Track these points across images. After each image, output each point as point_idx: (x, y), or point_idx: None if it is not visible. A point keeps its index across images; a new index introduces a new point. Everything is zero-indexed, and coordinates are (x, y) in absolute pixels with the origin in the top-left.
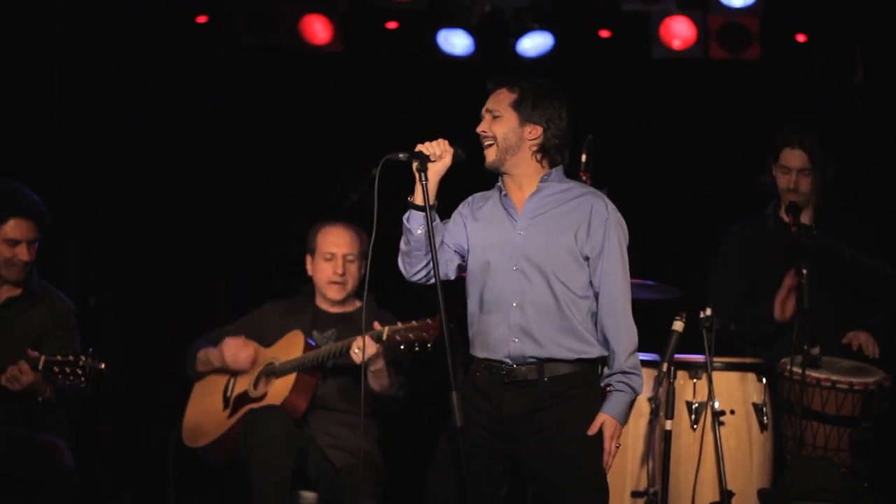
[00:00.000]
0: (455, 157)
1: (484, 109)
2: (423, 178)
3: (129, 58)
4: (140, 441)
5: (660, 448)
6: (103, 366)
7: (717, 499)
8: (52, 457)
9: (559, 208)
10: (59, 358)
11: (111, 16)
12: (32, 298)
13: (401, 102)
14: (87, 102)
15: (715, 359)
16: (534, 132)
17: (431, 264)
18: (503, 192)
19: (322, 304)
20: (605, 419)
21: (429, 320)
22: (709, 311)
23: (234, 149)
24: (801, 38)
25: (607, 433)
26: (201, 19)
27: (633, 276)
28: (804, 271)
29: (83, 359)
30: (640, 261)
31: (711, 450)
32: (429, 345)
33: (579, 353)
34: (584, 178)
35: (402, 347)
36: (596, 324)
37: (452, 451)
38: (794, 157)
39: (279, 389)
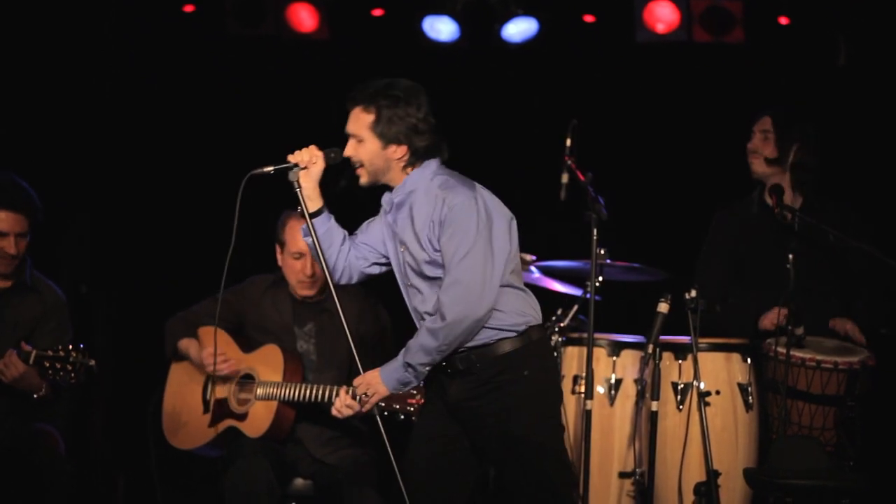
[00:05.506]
0: (329, 160)
1: (347, 131)
2: (297, 187)
3: (115, 47)
4: (131, 428)
5: (646, 429)
6: (93, 362)
7: (703, 479)
8: (46, 445)
9: (418, 213)
10: (49, 353)
11: (97, 4)
12: (24, 290)
13: None
14: (73, 93)
15: (700, 340)
16: (398, 151)
17: (343, 264)
18: (385, 206)
19: (297, 295)
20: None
21: (413, 391)
22: (694, 293)
23: (223, 137)
24: (783, 20)
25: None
26: (188, 8)
27: (619, 258)
28: (790, 256)
29: (74, 354)
30: (626, 243)
31: (697, 430)
32: (413, 417)
33: (498, 334)
34: (569, 161)
35: (384, 414)
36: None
37: (416, 432)
38: (760, 121)
39: (260, 418)
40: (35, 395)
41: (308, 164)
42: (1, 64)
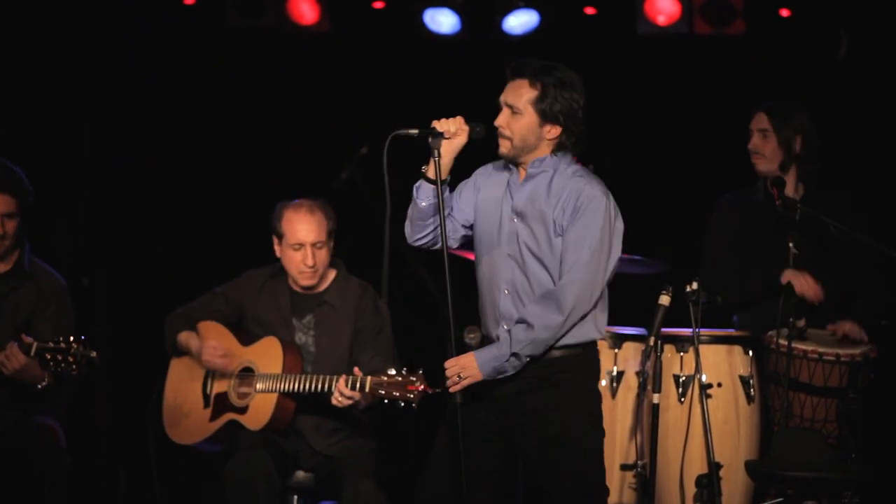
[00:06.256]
0: (473, 135)
1: (502, 100)
2: (437, 155)
3: (116, 38)
4: (133, 423)
5: (648, 421)
6: (94, 354)
7: (705, 471)
8: (46, 439)
9: (548, 193)
10: (50, 345)
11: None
12: (22, 276)
13: (388, 81)
14: (74, 85)
15: (702, 332)
16: (553, 132)
17: (433, 233)
18: (512, 172)
19: (296, 287)
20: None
21: (412, 378)
22: (695, 285)
23: (223, 130)
24: (784, 12)
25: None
26: (189, 1)
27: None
28: (791, 245)
29: (75, 346)
30: (627, 235)
31: (699, 422)
32: (413, 405)
33: (570, 338)
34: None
35: (384, 402)
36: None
37: (451, 427)
38: (756, 119)
39: (261, 411)
40: (38, 386)
41: (452, 135)
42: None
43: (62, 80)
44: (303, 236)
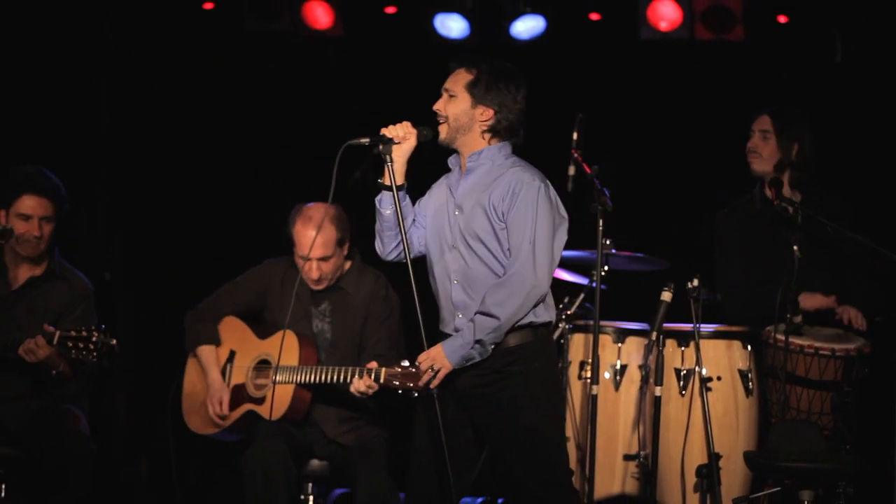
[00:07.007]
0: (421, 137)
1: (443, 88)
2: (389, 161)
3: (135, 43)
4: (155, 412)
5: (650, 413)
6: (114, 342)
7: (705, 461)
8: (68, 425)
9: (486, 183)
10: (73, 333)
11: (119, 2)
12: (53, 278)
13: (399, 84)
14: (96, 86)
15: (702, 327)
16: (485, 114)
17: (402, 243)
18: (453, 169)
19: None
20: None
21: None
22: (696, 282)
23: (240, 130)
24: (782, 19)
25: (427, 358)
26: (208, 6)
27: (623, 248)
28: (795, 247)
29: (96, 335)
30: (630, 234)
31: (699, 414)
32: (436, 393)
33: (523, 321)
34: (575, 155)
35: (399, 392)
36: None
37: (428, 416)
38: (759, 120)
39: (278, 401)
40: (53, 372)
41: (401, 140)
42: (20, 58)
43: (85, 80)
44: (307, 250)
